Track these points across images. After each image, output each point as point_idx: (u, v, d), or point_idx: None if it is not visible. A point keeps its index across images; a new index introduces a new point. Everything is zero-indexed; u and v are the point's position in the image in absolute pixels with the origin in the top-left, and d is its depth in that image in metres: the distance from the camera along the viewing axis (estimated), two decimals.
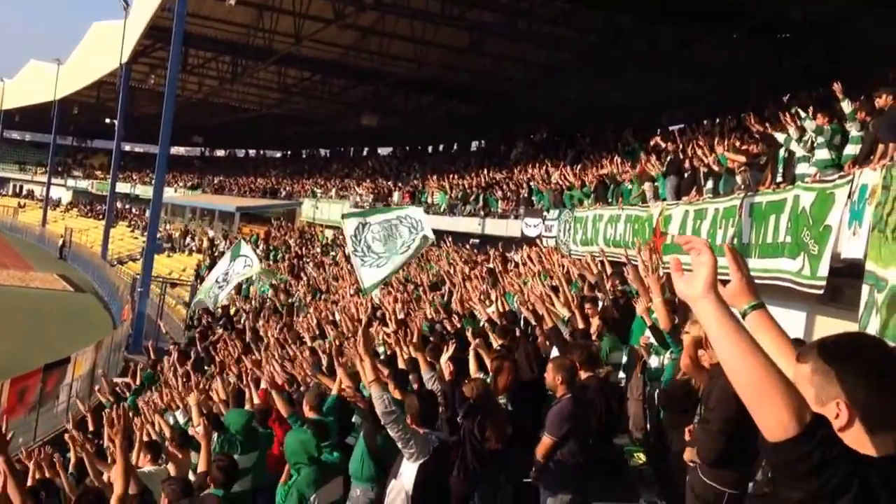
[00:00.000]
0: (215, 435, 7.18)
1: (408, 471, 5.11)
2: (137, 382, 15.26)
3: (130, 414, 9.44)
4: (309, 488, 5.65)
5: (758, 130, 12.01)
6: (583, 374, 6.23)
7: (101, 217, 53.73)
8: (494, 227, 24.82)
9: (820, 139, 9.07)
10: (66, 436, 8.77)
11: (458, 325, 10.17)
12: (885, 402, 1.83)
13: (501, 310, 10.51)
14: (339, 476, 5.94)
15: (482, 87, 32.45)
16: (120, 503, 5.00)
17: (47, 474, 7.87)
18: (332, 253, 30.88)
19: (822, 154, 9.00)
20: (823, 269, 7.57)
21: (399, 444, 5.16)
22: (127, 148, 62.53)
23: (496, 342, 8.03)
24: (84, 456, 6.01)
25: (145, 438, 7.50)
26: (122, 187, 55.51)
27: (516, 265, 15.93)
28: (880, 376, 1.83)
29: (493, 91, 32.38)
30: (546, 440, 5.66)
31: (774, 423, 1.68)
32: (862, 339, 1.96)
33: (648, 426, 7.45)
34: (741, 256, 2.34)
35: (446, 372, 6.74)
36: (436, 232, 25.11)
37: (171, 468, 6.86)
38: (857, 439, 1.80)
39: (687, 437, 4.59)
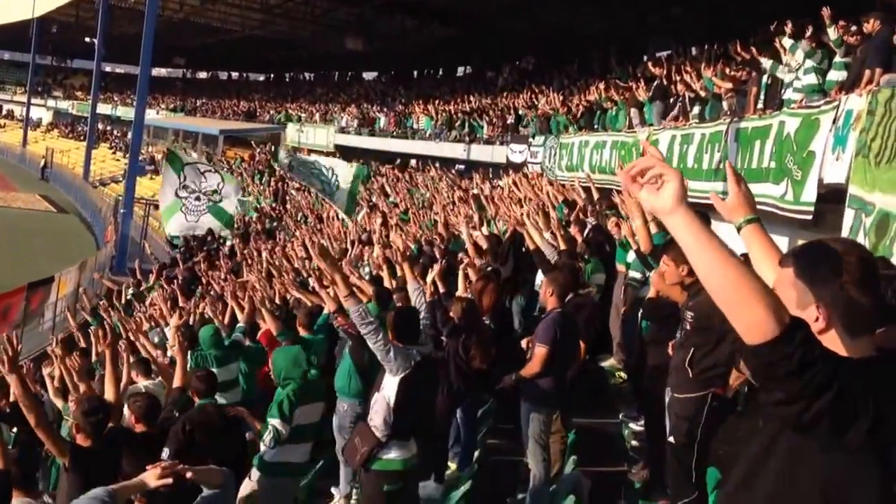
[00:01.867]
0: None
1: (389, 384, 5.19)
2: (123, 302, 15.33)
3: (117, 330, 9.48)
4: (294, 404, 5.71)
5: (743, 59, 11.95)
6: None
7: (82, 138, 52.88)
8: (480, 153, 24.75)
9: (809, 63, 9.04)
10: (49, 349, 8.82)
11: (444, 248, 10.25)
12: (862, 306, 1.87)
13: (486, 233, 10.57)
14: (320, 400, 5.99)
15: (464, 10, 31.78)
16: (112, 412, 5.08)
17: (32, 389, 7.96)
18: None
19: (810, 79, 8.99)
20: (808, 195, 7.63)
21: (379, 357, 5.22)
22: (108, 68, 61.24)
23: (479, 262, 8.11)
24: (64, 369, 6.05)
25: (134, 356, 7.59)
26: (103, 108, 54.62)
27: (501, 190, 15.94)
28: (860, 280, 1.87)
29: (474, 13, 31.71)
30: (540, 350, 5.73)
31: (753, 325, 1.70)
32: (842, 244, 1.99)
33: (630, 345, 7.62)
34: (739, 173, 2.38)
35: (428, 292, 6.83)
36: (421, 158, 25.18)
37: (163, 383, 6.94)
38: (836, 342, 1.86)
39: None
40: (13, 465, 4.98)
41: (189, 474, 3.44)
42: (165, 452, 5.05)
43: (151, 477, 3.30)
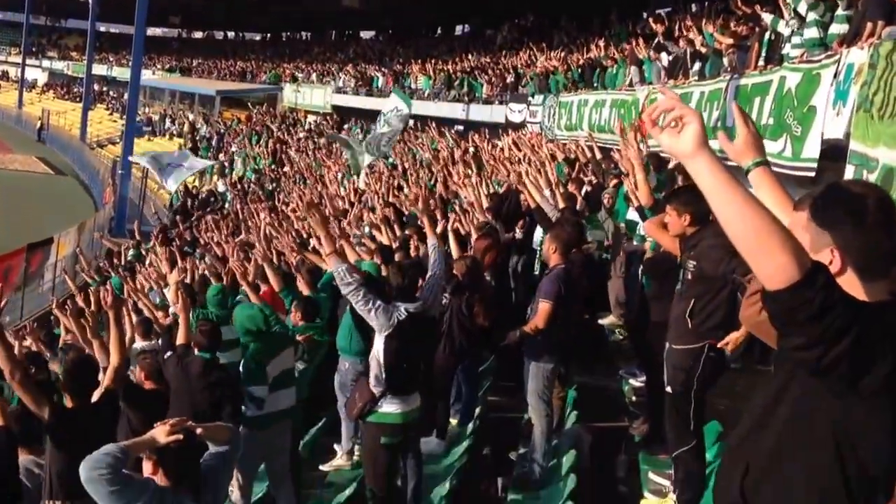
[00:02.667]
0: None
1: (378, 342, 5.24)
2: (123, 263, 15.33)
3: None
4: (260, 364, 5.78)
5: (744, 13, 11.81)
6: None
7: (78, 99, 52.48)
8: (479, 112, 24.59)
9: (812, 16, 8.93)
10: (54, 308, 8.84)
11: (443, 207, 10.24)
12: (877, 249, 1.86)
13: (486, 192, 10.55)
14: (289, 346, 6.07)
15: None
16: (116, 372, 5.09)
17: (34, 348, 8.01)
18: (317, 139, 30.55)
19: (812, 33, 8.89)
20: (809, 151, 7.59)
21: (363, 315, 5.25)
22: (102, 28, 60.57)
23: (482, 218, 8.11)
24: (75, 323, 6.04)
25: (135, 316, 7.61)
26: (98, 69, 54.04)
27: (501, 150, 15.88)
28: (877, 222, 1.85)
29: None
30: (544, 305, 5.75)
31: (775, 271, 1.68)
32: (860, 186, 1.97)
33: (629, 302, 7.66)
34: (747, 114, 2.34)
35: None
36: (420, 117, 25.02)
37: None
38: (851, 286, 1.84)
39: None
40: (16, 424, 5.02)
41: (198, 431, 3.49)
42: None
43: (161, 434, 3.35)
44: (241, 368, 5.98)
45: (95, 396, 4.96)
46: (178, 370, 5.59)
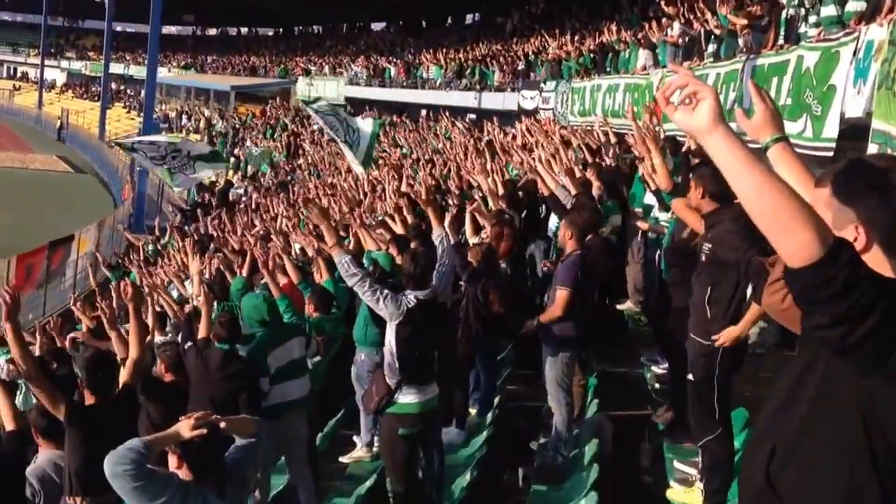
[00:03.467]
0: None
1: (389, 331, 5.19)
2: (141, 258, 15.38)
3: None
4: (263, 349, 5.75)
5: None
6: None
7: (96, 98, 52.85)
8: (491, 100, 24.46)
9: None
10: (74, 304, 8.86)
11: (458, 196, 10.18)
12: None
13: (501, 179, 10.48)
14: (295, 337, 6.02)
15: None
16: (135, 366, 5.09)
17: (58, 343, 8.04)
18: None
19: (829, 10, 8.73)
20: (829, 130, 7.46)
21: (371, 305, 5.21)
22: (119, 28, 60.99)
23: (496, 206, 8.05)
24: (104, 315, 6.05)
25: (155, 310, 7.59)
26: (115, 68, 54.41)
27: (514, 137, 15.78)
28: None
29: None
30: (561, 293, 5.69)
31: (798, 247, 1.63)
32: (884, 160, 1.91)
33: (648, 288, 7.58)
34: (764, 90, 2.27)
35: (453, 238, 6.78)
36: (432, 107, 24.93)
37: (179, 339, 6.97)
38: (876, 263, 1.78)
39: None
40: (40, 418, 5.02)
41: (222, 424, 3.46)
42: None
43: (185, 428, 3.32)
44: None
45: (115, 391, 4.97)
46: (197, 361, 5.58)
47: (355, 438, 6.88)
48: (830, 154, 7.43)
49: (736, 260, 4.20)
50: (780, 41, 10.08)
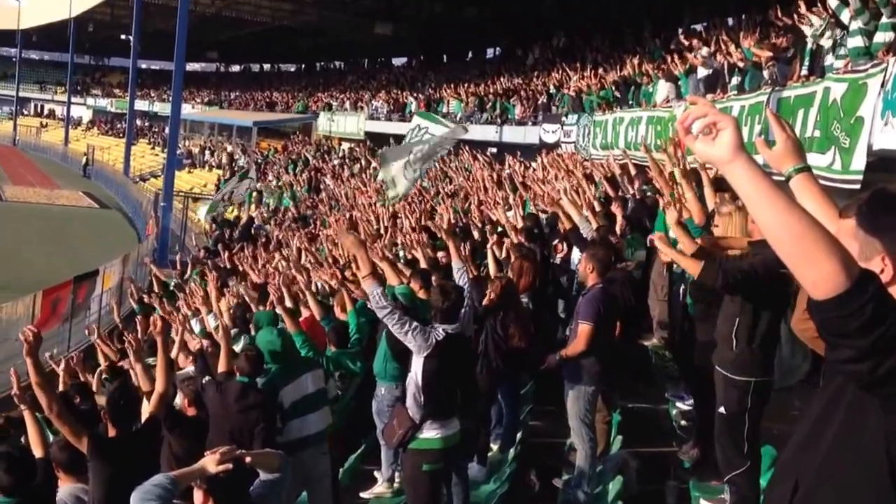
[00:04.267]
0: (242, 339, 7.25)
1: (416, 364, 5.13)
2: (160, 292, 15.44)
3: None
4: (275, 384, 5.74)
5: (784, 24, 11.60)
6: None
7: (121, 135, 53.73)
8: (512, 134, 24.51)
9: (855, 25, 8.72)
10: (94, 338, 8.88)
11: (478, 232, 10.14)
12: None
13: (522, 213, 10.44)
14: (309, 371, 5.97)
15: None
16: (161, 399, 5.08)
17: (81, 378, 8.05)
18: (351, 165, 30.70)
19: (856, 42, 8.68)
20: (857, 163, 7.36)
21: (400, 338, 5.17)
22: (143, 65, 62.06)
23: (516, 240, 8.00)
24: (131, 348, 6.06)
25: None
26: (140, 105, 55.37)
27: (535, 171, 15.77)
28: None
29: None
30: (585, 327, 5.62)
31: (821, 279, 1.58)
32: None
33: (672, 323, 7.45)
34: (785, 120, 2.25)
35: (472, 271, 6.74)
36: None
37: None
38: None
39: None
40: (60, 452, 5.01)
41: (248, 459, 3.42)
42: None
43: (211, 463, 3.29)
44: None
45: (139, 424, 4.96)
46: (216, 395, 5.55)
47: (376, 474, 6.80)
48: (858, 187, 7.33)
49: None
50: (804, 72, 10.02)
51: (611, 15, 28.73)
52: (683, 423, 6.74)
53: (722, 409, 4.49)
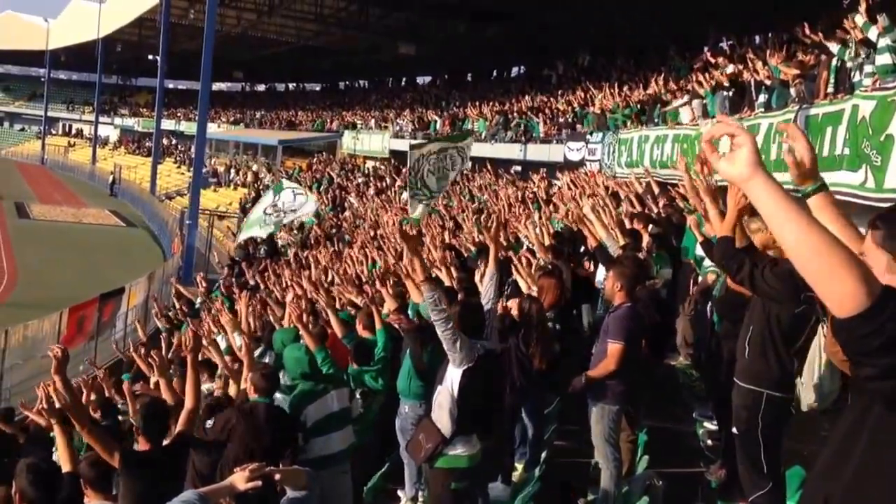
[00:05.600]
0: (267, 356, 7.24)
1: (454, 376, 5.08)
2: (181, 310, 15.55)
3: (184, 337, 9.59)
4: (301, 402, 5.69)
5: (812, 41, 11.52)
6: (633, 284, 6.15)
7: (148, 154, 54.37)
8: (536, 152, 24.50)
9: (883, 42, 8.65)
10: (135, 350, 8.91)
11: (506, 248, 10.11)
12: None
13: (549, 231, 10.40)
14: (335, 390, 5.93)
15: (515, 8, 31.47)
16: (190, 415, 5.10)
17: (106, 394, 8.10)
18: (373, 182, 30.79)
19: (885, 59, 8.60)
20: (891, 181, 7.29)
21: (445, 346, 5.09)
22: (170, 85, 62.83)
23: (543, 259, 7.96)
24: (155, 364, 6.09)
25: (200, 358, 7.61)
26: (167, 124, 55.99)
27: (559, 190, 15.74)
28: None
29: (528, 13, 31.46)
30: (615, 346, 5.57)
31: (843, 297, 1.57)
32: None
33: (699, 341, 7.38)
34: (805, 136, 2.24)
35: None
36: (477, 159, 25.06)
37: (231, 387, 6.95)
38: None
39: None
40: (89, 469, 5.03)
41: (277, 476, 3.41)
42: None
43: (240, 480, 3.28)
44: None
45: (168, 439, 4.97)
46: (240, 416, 5.53)
47: (399, 493, 6.75)
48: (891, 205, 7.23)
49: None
50: (830, 89, 9.95)
51: (636, 33, 28.70)
52: (710, 443, 6.66)
53: (734, 429, 4.45)
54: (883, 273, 1.72)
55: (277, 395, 6.98)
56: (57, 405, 4.82)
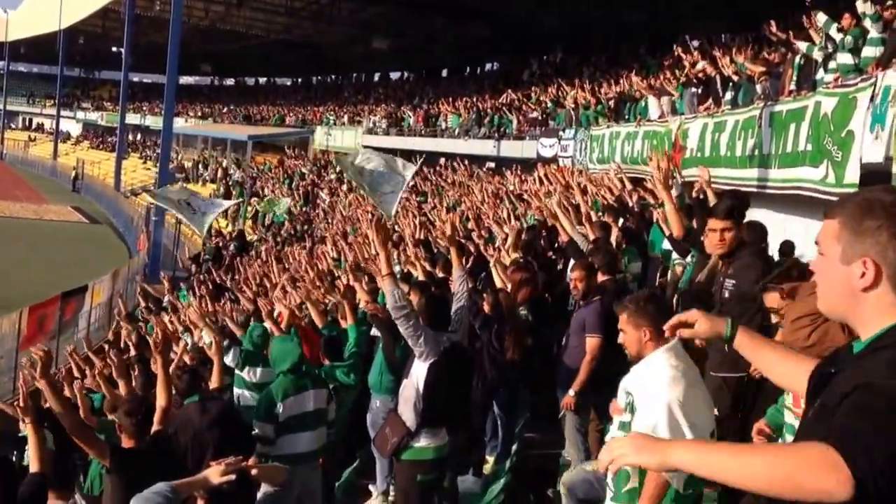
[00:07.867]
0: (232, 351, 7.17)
1: (419, 370, 5.09)
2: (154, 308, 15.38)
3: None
4: (279, 393, 5.64)
5: (778, 39, 11.68)
6: (601, 277, 6.22)
7: (112, 149, 53.60)
8: (510, 148, 24.59)
9: (846, 40, 8.81)
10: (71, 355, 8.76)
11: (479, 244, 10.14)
12: None
13: (520, 227, 10.44)
14: (313, 389, 5.90)
15: (490, 5, 31.59)
16: (164, 414, 5.06)
17: (66, 394, 7.98)
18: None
19: (845, 58, 8.76)
20: (851, 176, 7.43)
21: (409, 342, 5.11)
22: (135, 79, 61.77)
23: (514, 255, 7.99)
24: (113, 364, 6.01)
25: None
26: (132, 119, 55.25)
27: (531, 186, 15.80)
28: None
29: (503, 10, 31.59)
30: (594, 340, 5.66)
31: (830, 493, 1.53)
32: (892, 194, 1.81)
33: None
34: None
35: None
36: (450, 156, 25.07)
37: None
38: (882, 300, 1.72)
39: None
40: (48, 467, 4.97)
41: (253, 471, 3.40)
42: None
43: (215, 474, 3.26)
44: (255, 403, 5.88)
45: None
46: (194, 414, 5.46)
47: (371, 487, 6.76)
48: None
49: (757, 292, 4.18)
50: (792, 86, 10.10)
51: (608, 32, 28.91)
52: None
53: None
54: (838, 264, 1.75)
55: (246, 394, 7.02)
56: (55, 408, 4.75)
